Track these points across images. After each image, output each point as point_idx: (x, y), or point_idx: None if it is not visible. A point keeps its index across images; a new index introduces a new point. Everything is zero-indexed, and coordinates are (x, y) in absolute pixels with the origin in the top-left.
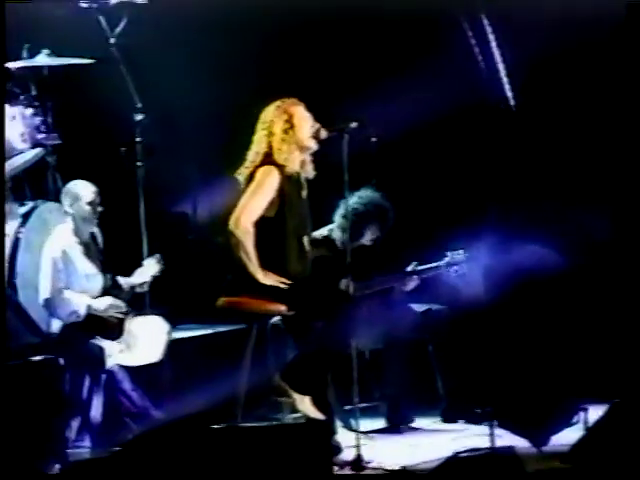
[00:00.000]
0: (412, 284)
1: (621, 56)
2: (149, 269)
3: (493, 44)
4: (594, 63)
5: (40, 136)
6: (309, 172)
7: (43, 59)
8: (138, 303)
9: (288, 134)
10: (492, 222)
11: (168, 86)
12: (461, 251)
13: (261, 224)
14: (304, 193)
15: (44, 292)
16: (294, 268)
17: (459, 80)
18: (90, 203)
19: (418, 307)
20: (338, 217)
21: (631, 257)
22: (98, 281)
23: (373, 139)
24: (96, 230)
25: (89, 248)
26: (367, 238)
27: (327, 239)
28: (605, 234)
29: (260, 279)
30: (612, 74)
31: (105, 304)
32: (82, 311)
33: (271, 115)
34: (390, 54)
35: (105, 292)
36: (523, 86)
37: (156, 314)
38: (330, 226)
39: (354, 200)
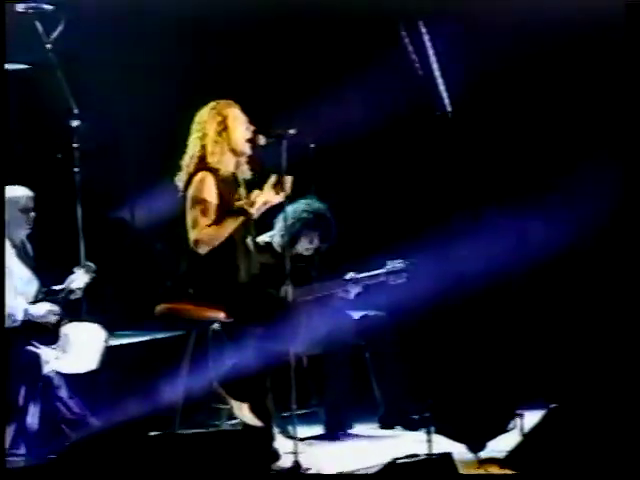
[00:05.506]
0: (354, 291)
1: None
2: (79, 277)
3: (430, 50)
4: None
5: None
6: (245, 172)
7: None
8: (74, 309)
9: (222, 136)
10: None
11: (105, 91)
12: (400, 260)
13: None
14: (242, 193)
15: None
16: (239, 267)
17: (396, 86)
18: (24, 208)
19: (355, 313)
20: (279, 222)
21: (567, 263)
22: (33, 285)
23: (311, 145)
24: (26, 235)
25: (21, 252)
26: (306, 246)
27: (268, 245)
28: (543, 237)
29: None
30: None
31: (44, 309)
32: (19, 316)
33: (205, 116)
34: (328, 60)
35: (39, 298)
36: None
37: (93, 321)
38: (270, 232)
39: (299, 207)
